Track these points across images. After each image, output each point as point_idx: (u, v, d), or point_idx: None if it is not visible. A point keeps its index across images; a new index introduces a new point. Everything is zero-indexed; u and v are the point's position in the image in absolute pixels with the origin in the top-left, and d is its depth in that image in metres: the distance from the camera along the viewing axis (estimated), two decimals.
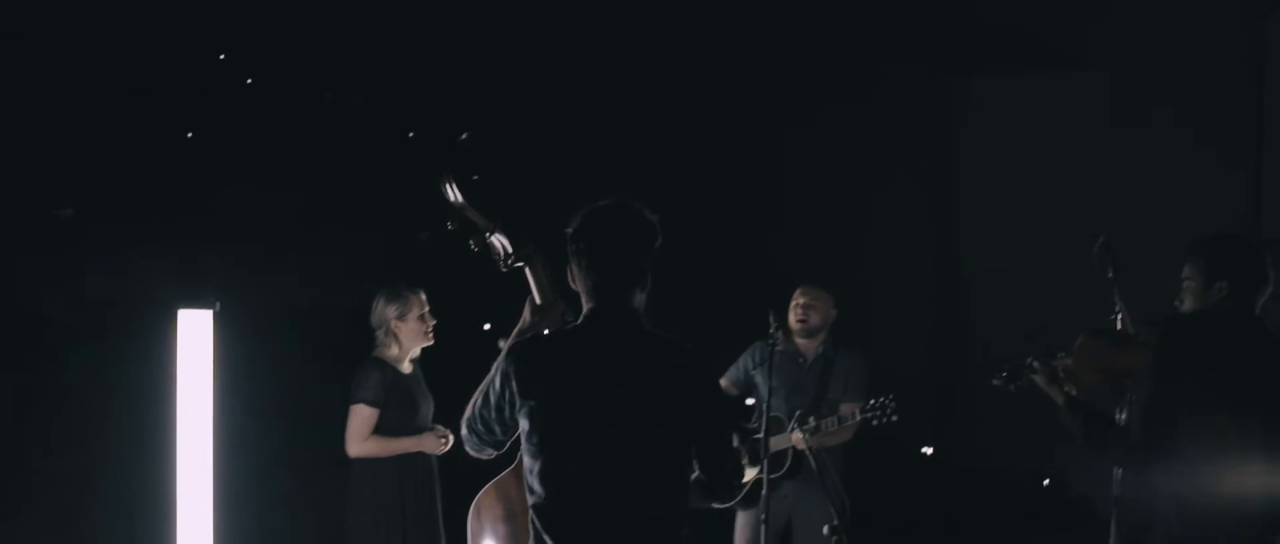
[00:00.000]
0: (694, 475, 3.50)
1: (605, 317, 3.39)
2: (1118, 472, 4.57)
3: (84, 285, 5.16)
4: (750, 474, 6.10)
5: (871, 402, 6.02)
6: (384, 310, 5.59)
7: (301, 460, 6.06)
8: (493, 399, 3.42)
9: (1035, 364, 4.51)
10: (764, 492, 5.72)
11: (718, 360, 6.47)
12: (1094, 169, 9.73)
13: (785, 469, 6.06)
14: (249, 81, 6.53)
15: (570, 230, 3.40)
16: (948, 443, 11.28)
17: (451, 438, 5.59)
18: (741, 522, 6.33)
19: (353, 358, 5.60)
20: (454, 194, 3.81)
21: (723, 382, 6.40)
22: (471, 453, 3.63)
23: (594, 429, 3.27)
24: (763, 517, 5.72)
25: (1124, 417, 4.42)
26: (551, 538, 3.30)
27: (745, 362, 6.42)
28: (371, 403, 5.50)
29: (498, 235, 3.83)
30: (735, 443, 6.06)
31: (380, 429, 5.54)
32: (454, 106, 7.28)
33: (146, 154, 5.65)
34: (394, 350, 5.59)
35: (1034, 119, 10.50)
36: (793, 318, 6.28)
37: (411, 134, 7.21)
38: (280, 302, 5.85)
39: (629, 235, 3.40)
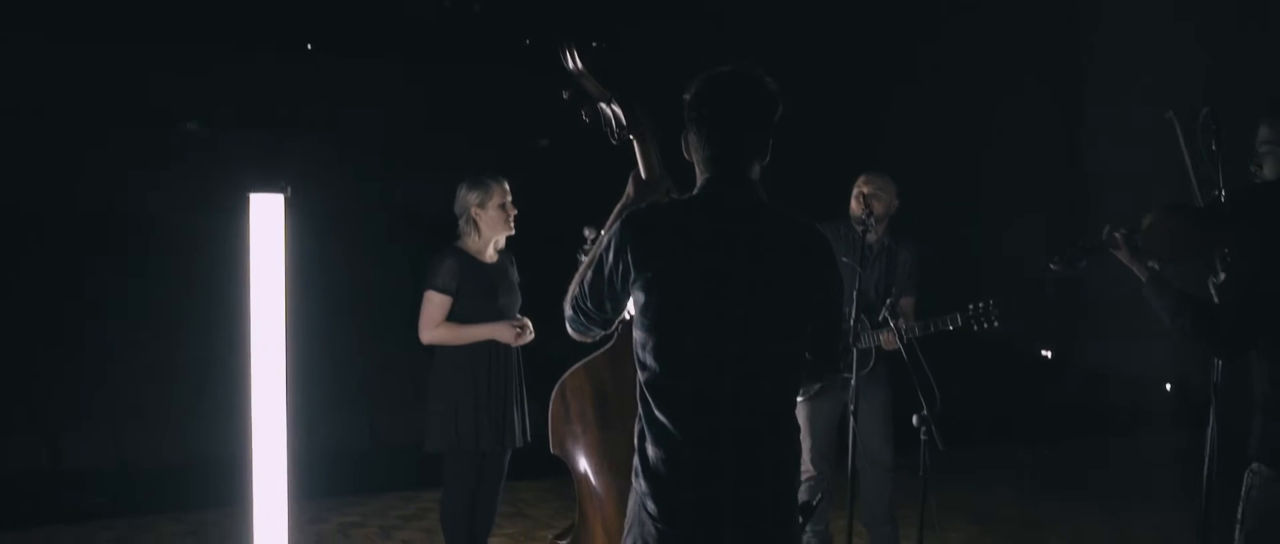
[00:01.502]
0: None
1: (725, 187, 3.27)
2: (1216, 364, 4.34)
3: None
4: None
5: (972, 306, 5.88)
6: (465, 197, 5.58)
7: (374, 347, 6.12)
8: (604, 273, 3.30)
9: (1117, 235, 4.16)
10: (853, 384, 5.65)
11: None
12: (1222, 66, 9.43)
13: (870, 366, 5.95)
14: None
15: (689, 95, 3.29)
16: (1069, 343, 11.18)
17: (530, 329, 5.59)
18: (801, 414, 6.23)
19: (432, 248, 5.61)
20: (573, 61, 3.74)
21: None
22: (574, 335, 3.54)
23: (716, 301, 3.17)
24: (851, 407, 5.65)
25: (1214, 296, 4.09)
26: (665, 414, 3.20)
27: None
28: (442, 289, 5.51)
29: (613, 105, 3.75)
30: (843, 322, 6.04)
31: (456, 317, 5.56)
32: (562, 13, 7.28)
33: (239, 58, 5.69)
34: (474, 239, 5.58)
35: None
36: (856, 206, 6.09)
37: (527, 41, 7.22)
38: (359, 192, 5.85)
39: (754, 104, 3.28)
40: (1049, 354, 11.02)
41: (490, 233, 5.58)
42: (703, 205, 3.27)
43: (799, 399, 6.16)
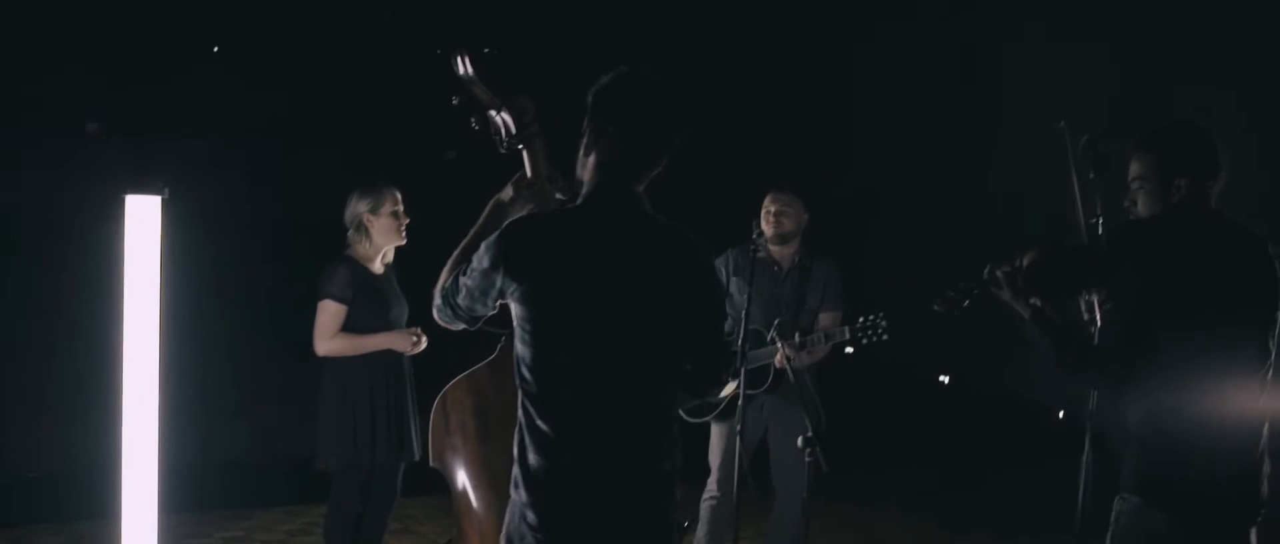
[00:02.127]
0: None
1: (613, 196, 3.22)
2: (1093, 394, 4.40)
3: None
4: (728, 389, 6.04)
5: (861, 319, 5.90)
6: (357, 204, 5.51)
7: (258, 355, 6.03)
8: (480, 280, 3.25)
9: (999, 275, 4.08)
10: (740, 403, 5.64)
11: None
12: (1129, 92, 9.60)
13: (766, 385, 5.96)
14: None
15: (604, 92, 3.23)
16: (969, 370, 11.29)
17: (424, 338, 5.53)
18: (716, 434, 6.25)
19: (320, 259, 5.54)
20: (464, 67, 3.68)
21: None
22: (441, 323, 3.48)
23: (596, 314, 3.14)
24: (738, 428, 5.64)
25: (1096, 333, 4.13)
26: (548, 425, 3.16)
27: (720, 267, 6.26)
28: (338, 299, 5.45)
29: (502, 113, 3.70)
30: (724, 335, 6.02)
31: (350, 328, 5.48)
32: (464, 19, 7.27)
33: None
34: (365, 247, 5.52)
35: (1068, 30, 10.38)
36: (766, 224, 6.09)
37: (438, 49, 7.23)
38: (237, 195, 5.77)
39: (672, 115, 3.25)
40: (946, 379, 11.11)
41: (382, 241, 5.52)
42: (585, 215, 3.23)
43: (709, 418, 6.17)
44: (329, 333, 5.47)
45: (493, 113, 3.74)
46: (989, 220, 11.34)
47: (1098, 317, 4.15)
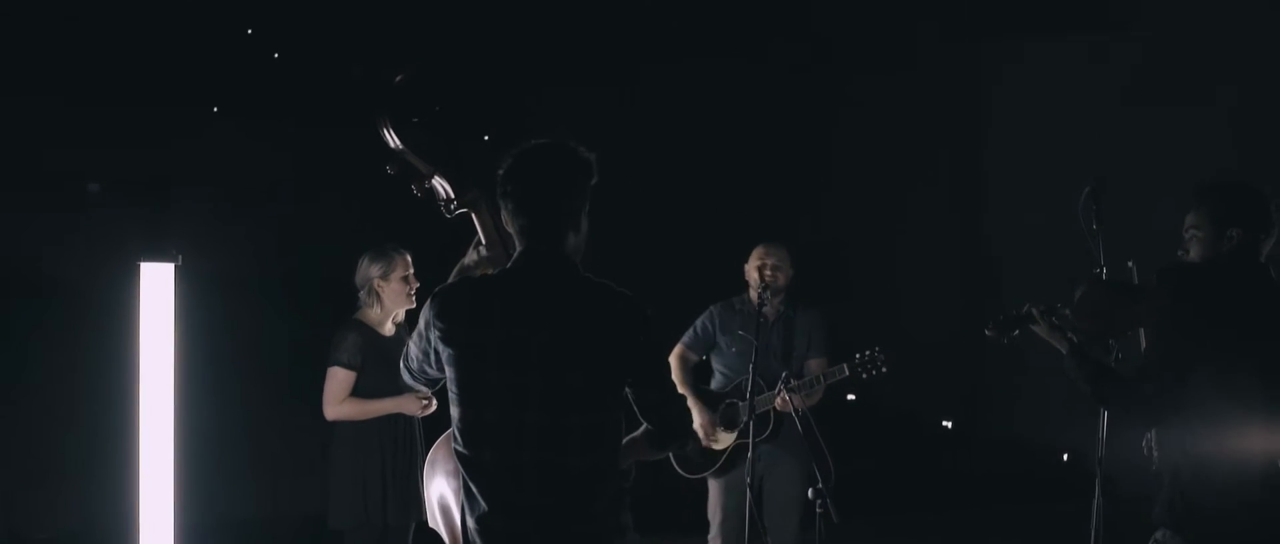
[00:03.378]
0: (644, 427, 3.45)
1: (534, 260, 3.30)
2: (1101, 437, 4.46)
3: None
4: (728, 440, 6.07)
5: (859, 355, 5.93)
6: (368, 269, 5.54)
7: (271, 421, 6.05)
8: (418, 344, 3.39)
9: (1035, 312, 4.29)
10: (750, 456, 5.67)
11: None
12: (1122, 137, 9.66)
13: (768, 432, 5.99)
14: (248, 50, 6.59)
15: (501, 171, 3.32)
16: (972, 414, 11.30)
17: (434, 401, 5.55)
18: (714, 489, 6.28)
19: (329, 321, 5.57)
20: (392, 139, 3.74)
21: (678, 348, 6.30)
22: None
23: (516, 375, 3.20)
24: (748, 480, 5.66)
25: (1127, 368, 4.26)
26: (477, 487, 3.24)
27: (705, 324, 6.33)
28: (347, 366, 5.46)
29: (439, 180, 3.75)
30: (679, 388, 6.04)
31: (359, 392, 5.50)
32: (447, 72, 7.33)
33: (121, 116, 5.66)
34: (376, 312, 5.55)
35: (1062, 87, 10.45)
36: (757, 277, 6.13)
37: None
38: (251, 259, 5.81)
39: (559, 174, 3.32)
40: (949, 424, 11.12)
41: (392, 305, 5.55)
42: (510, 278, 3.32)
43: (706, 473, 6.19)
44: (337, 399, 5.49)
45: (429, 181, 3.78)
46: (987, 265, 11.38)
47: (1117, 354, 4.26)
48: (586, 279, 3.33)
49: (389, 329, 5.60)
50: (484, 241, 3.72)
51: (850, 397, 6.03)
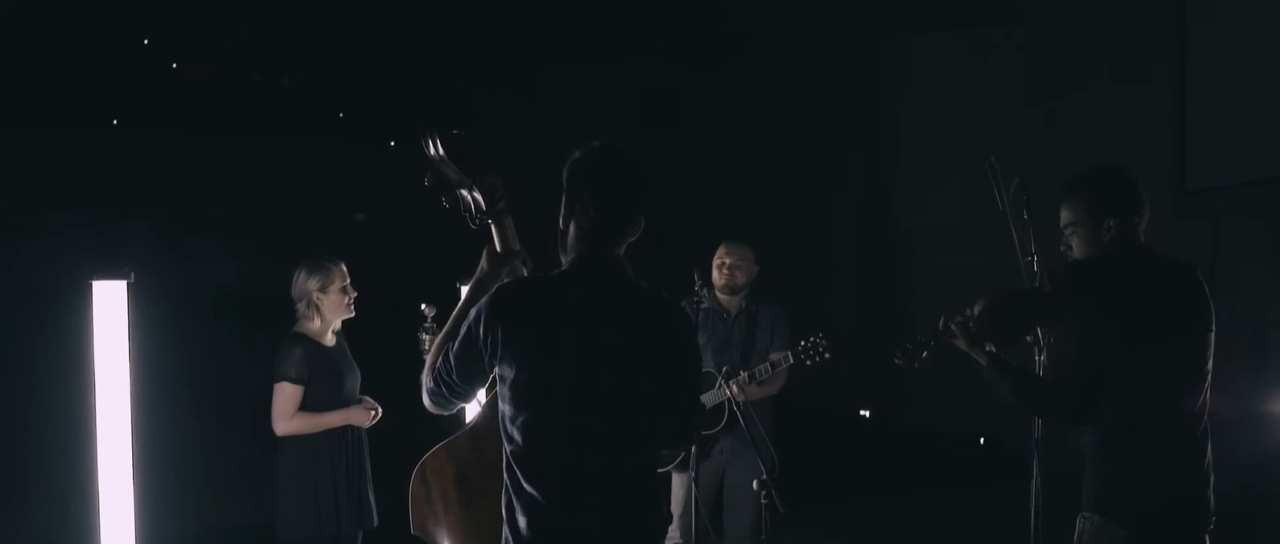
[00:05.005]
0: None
1: (595, 262, 3.35)
2: (1038, 419, 4.58)
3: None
4: None
5: (802, 342, 6.05)
6: (305, 282, 5.53)
7: (224, 435, 6.03)
8: (473, 347, 3.34)
9: (952, 326, 4.33)
10: (694, 451, 5.76)
11: None
12: (1026, 126, 9.91)
13: (722, 423, 6.10)
14: (174, 65, 6.57)
15: (577, 165, 3.37)
16: (886, 403, 11.51)
17: (380, 409, 5.58)
18: (677, 483, 6.37)
19: (274, 332, 5.55)
20: (435, 148, 3.77)
21: None
22: (433, 408, 3.55)
23: (585, 375, 3.24)
24: (694, 475, 5.75)
25: (1044, 372, 4.36)
26: (535, 487, 3.25)
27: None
28: (294, 380, 5.44)
29: (473, 192, 3.79)
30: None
31: (306, 405, 5.49)
32: (383, 87, 7.35)
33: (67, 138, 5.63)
34: (316, 324, 5.54)
35: (966, 77, 10.69)
36: (717, 275, 6.30)
37: (341, 114, 7.28)
38: (197, 275, 5.79)
39: (640, 181, 3.39)
40: (867, 413, 11.33)
41: (332, 316, 5.55)
42: (573, 280, 3.35)
43: (670, 468, 6.27)
44: (287, 414, 5.47)
45: (463, 191, 3.84)
46: (900, 256, 11.59)
47: (1041, 351, 4.38)
48: (643, 285, 3.40)
49: (330, 340, 5.61)
50: (498, 246, 3.77)
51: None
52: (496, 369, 3.32)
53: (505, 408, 3.31)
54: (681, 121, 11.07)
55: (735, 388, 5.88)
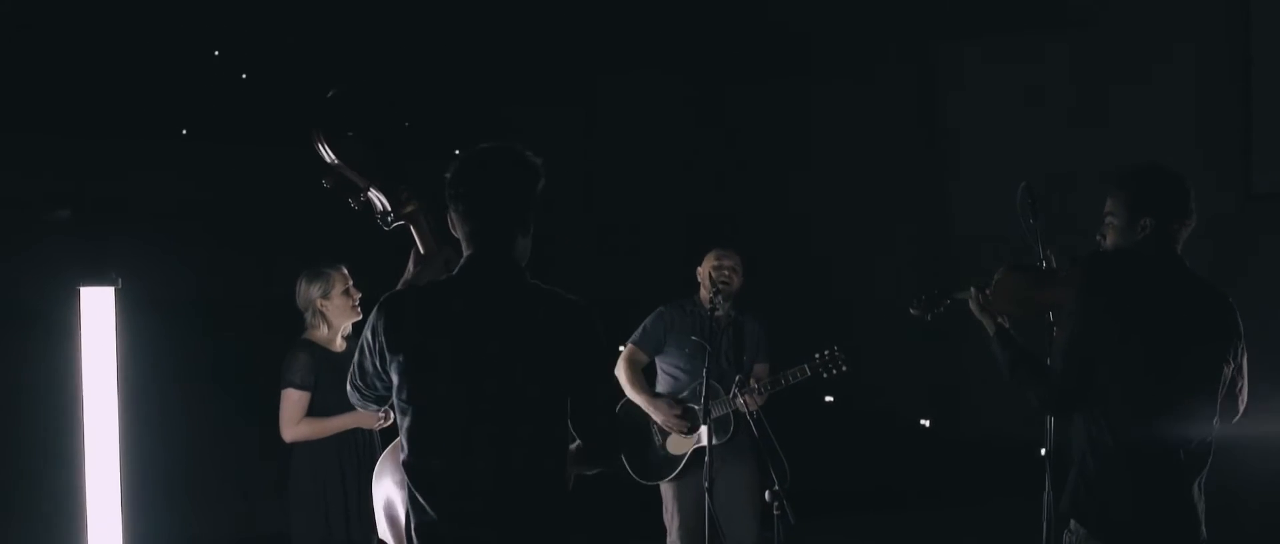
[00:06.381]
0: (576, 442, 3.43)
1: (483, 266, 3.29)
2: (1049, 426, 4.44)
3: None
4: (687, 444, 6.06)
5: (819, 355, 5.93)
6: (307, 291, 5.53)
7: (213, 443, 6.03)
8: (367, 356, 3.34)
9: (972, 288, 4.33)
10: (707, 461, 5.66)
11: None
12: (1081, 130, 9.68)
13: (729, 435, 5.98)
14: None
15: (448, 174, 3.31)
16: (949, 413, 11.28)
17: (391, 412, 5.54)
18: (668, 494, 6.26)
19: (263, 338, 5.55)
20: (327, 153, 3.72)
21: (629, 347, 6.27)
22: (358, 407, 3.60)
23: (468, 384, 3.19)
24: (706, 485, 5.64)
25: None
26: (424, 497, 3.22)
27: (656, 326, 6.30)
28: (300, 386, 5.45)
29: (375, 192, 3.74)
30: (631, 388, 6.04)
31: (316, 411, 5.49)
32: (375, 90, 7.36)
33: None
34: (323, 330, 5.54)
35: (1018, 80, 10.46)
36: (715, 279, 6.13)
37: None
38: (186, 281, 5.79)
39: (510, 178, 3.32)
40: (928, 423, 11.11)
41: (339, 321, 5.54)
42: (459, 284, 3.31)
43: (665, 480, 6.17)
44: (293, 420, 5.47)
45: (365, 193, 3.77)
46: (954, 265, 11.38)
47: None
48: (535, 286, 3.33)
49: (339, 345, 5.59)
50: (422, 251, 3.71)
51: (828, 398, 6.00)
52: (392, 377, 3.28)
53: (397, 417, 3.29)
54: (731, 129, 10.97)
55: (749, 399, 5.79)
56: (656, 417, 6.13)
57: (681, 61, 10.31)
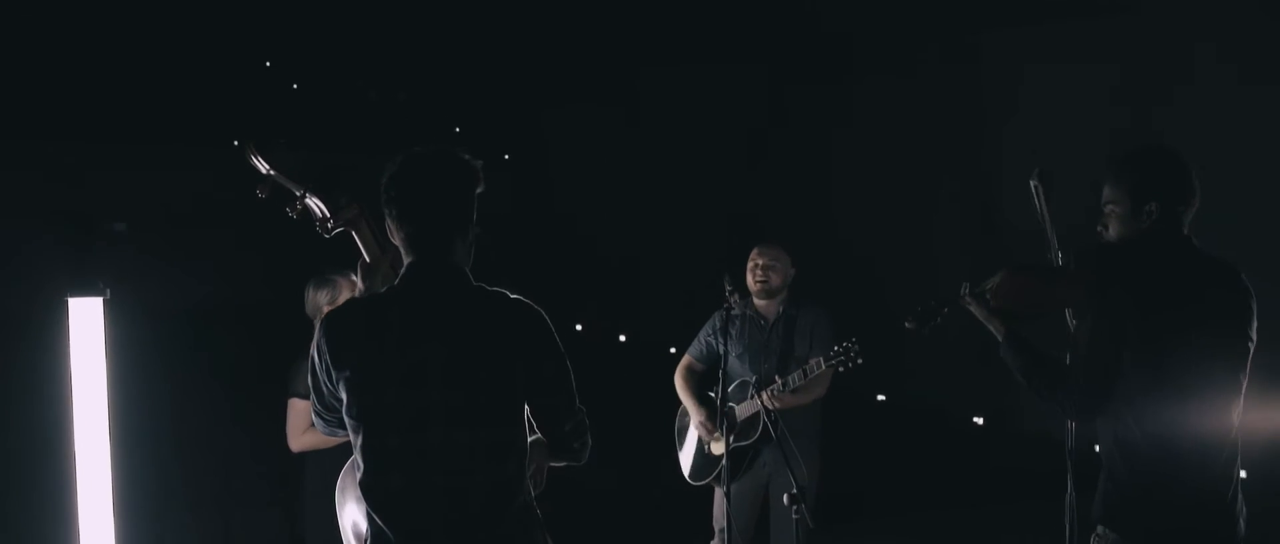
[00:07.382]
0: (534, 436, 3.32)
1: (424, 272, 3.18)
2: (1070, 427, 4.25)
3: None
4: (718, 448, 5.94)
5: (836, 347, 5.78)
6: (315, 298, 5.46)
7: (204, 452, 6.00)
8: (317, 376, 3.24)
9: (968, 296, 4.11)
10: (724, 462, 5.55)
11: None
12: (1130, 122, 9.43)
13: (758, 434, 5.84)
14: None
15: (384, 178, 3.21)
16: (1000, 411, 11.08)
17: None
18: (718, 496, 6.12)
19: (254, 347, 5.50)
20: (260, 164, 3.61)
21: (687, 358, 6.22)
22: (325, 436, 3.48)
23: (414, 392, 3.07)
24: (727, 489, 5.53)
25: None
26: (380, 515, 3.11)
27: (705, 332, 6.23)
28: (305, 396, 5.35)
29: (312, 199, 3.62)
30: (682, 393, 5.93)
31: None
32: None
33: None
34: None
35: (1071, 72, 10.22)
36: (751, 279, 6.08)
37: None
38: (174, 291, 5.75)
39: (445, 181, 3.20)
40: (981, 421, 10.91)
41: None
42: (400, 293, 3.19)
43: (709, 480, 6.05)
44: (300, 430, 5.40)
45: (302, 201, 3.65)
46: (1006, 254, 11.16)
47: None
48: (480, 288, 3.21)
49: None
50: (366, 258, 3.59)
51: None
52: (342, 395, 3.17)
53: (351, 435, 3.18)
54: (779, 124, 10.83)
55: (767, 397, 5.66)
56: (693, 419, 6.05)
57: (728, 56, 10.18)
